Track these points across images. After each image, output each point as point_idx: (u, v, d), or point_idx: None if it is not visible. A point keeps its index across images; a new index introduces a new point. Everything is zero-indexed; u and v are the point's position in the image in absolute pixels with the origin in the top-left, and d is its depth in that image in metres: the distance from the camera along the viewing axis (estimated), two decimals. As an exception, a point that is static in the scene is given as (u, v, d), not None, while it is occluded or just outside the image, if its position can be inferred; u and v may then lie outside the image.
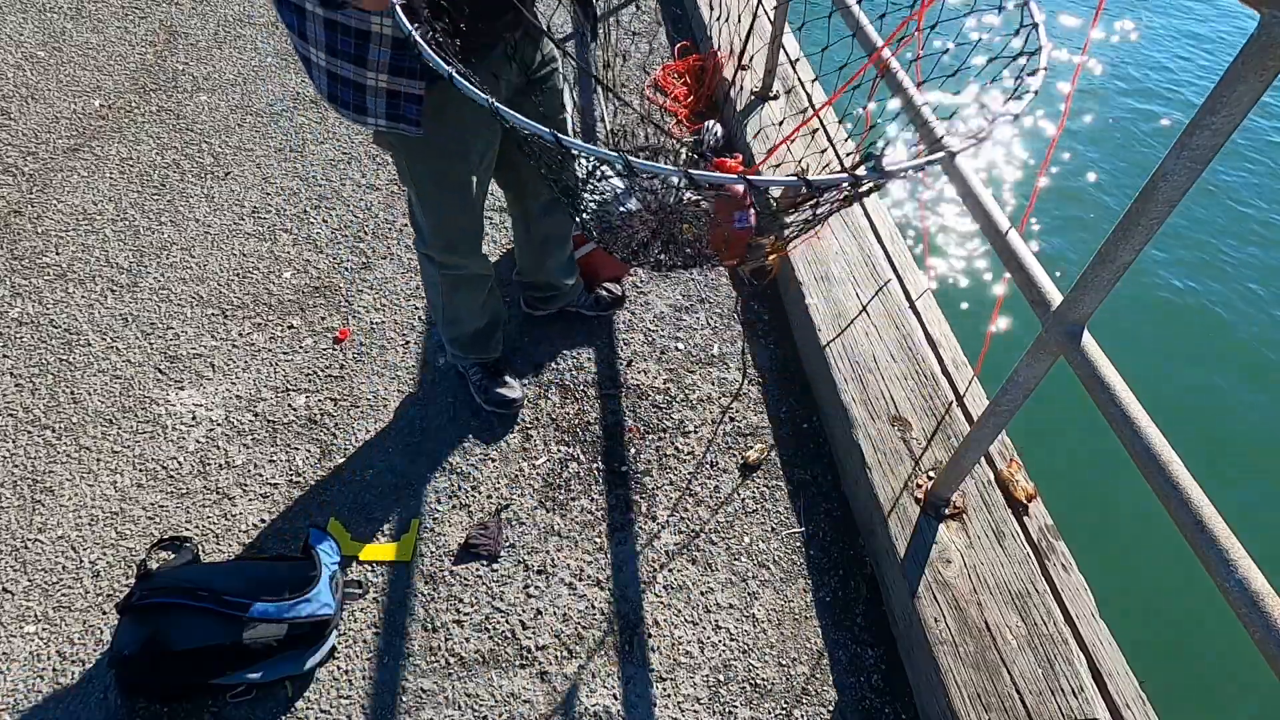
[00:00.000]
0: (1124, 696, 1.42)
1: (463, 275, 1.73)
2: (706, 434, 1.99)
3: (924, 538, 1.62)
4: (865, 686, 1.59)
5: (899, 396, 1.90)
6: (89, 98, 2.88)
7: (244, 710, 1.49)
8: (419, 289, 2.29)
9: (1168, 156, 0.97)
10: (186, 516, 1.76)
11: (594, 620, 1.65)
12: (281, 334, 2.15)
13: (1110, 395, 1.12)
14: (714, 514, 1.84)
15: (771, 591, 1.71)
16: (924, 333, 2.08)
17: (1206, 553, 0.97)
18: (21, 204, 2.47)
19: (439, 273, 1.72)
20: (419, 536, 1.76)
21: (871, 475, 1.73)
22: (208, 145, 2.73)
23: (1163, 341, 3.30)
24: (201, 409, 1.97)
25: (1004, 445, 1.82)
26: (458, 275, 1.73)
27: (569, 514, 1.82)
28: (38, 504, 1.76)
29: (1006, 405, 1.37)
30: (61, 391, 1.98)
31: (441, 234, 1.63)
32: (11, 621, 1.58)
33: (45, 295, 2.21)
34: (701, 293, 2.35)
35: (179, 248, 2.37)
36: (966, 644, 1.47)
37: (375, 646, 1.59)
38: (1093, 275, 1.13)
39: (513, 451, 1.93)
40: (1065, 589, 1.57)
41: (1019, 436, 1.87)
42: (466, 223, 1.61)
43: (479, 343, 1.92)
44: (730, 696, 1.56)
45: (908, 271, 2.26)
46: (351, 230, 2.46)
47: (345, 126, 2.83)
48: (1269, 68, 0.84)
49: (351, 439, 1.93)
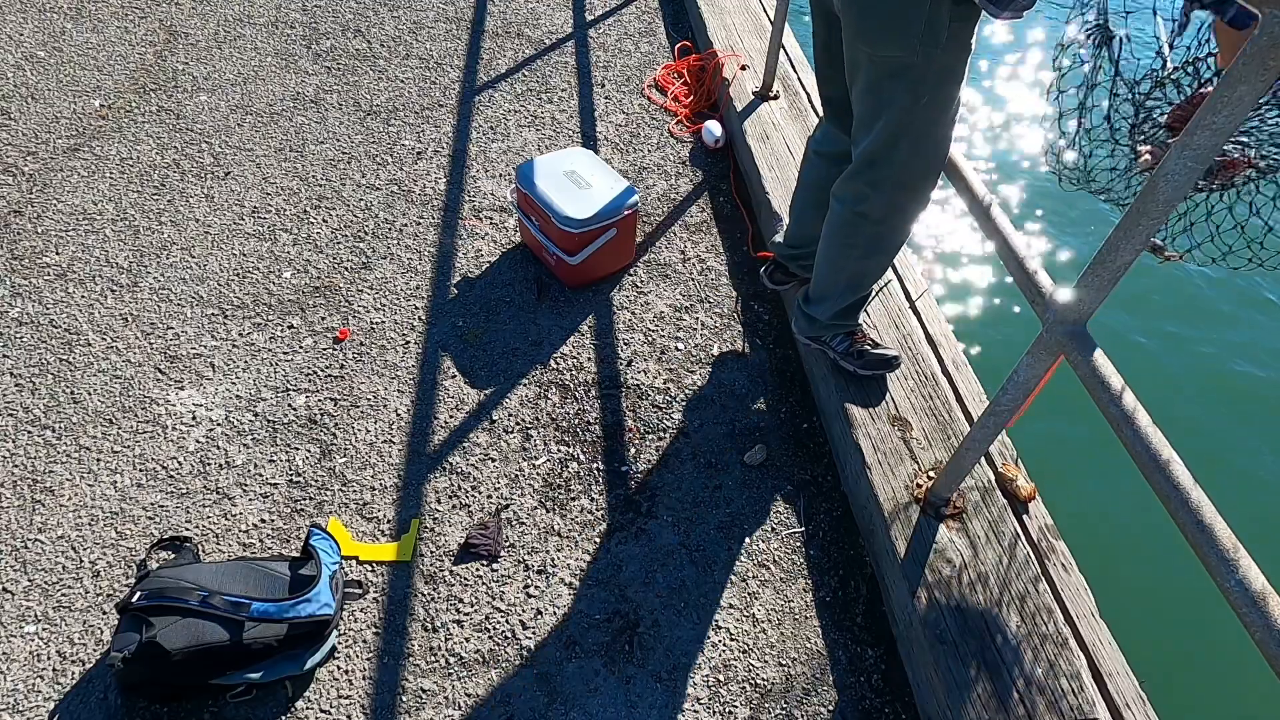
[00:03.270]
0: (1124, 696, 1.42)
1: (916, 218, 1.69)
2: (706, 434, 1.99)
3: (924, 538, 1.62)
4: (865, 686, 1.59)
5: (899, 396, 1.90)
6: (89, 98, 2.88)
7: (244, 710, 1.49)
8: (419, 289, 2.29)
9: (1168, 156, 0.97)
10: (186, 516, 1.76)
11: (594, 620, 1.65)
12: (281, 334, 2.15)
13: (1110, 395, 1.12)
14: (714, 514, 1.84)
15: (771, 591, 1.71)
16: (924, 333, 2.08)
17: (1206, 553, 0.97)
18: (21, 204, 2.47)
19: (900, 222, 1.67)
20: (419, 536, 1.76)
21: (871, 475, 1.73)
22: (208, 145, 2.73)
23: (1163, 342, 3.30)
24: (201, 409, 1.97)
25: (1004, 445, 1.82)
26: (915, 218, 1.68)
27: (569, 514, 1.82)
28: (38, 504, 1.76)
29: (1006, 405, 1.37)
30: (61, 391, 1.98)
31: (940, 160, 1.58)
32: (11, 621, 1.58)
33: (45, 295, 2.21)
34: (701, 293, 2.35)
35: (179, 248, 2.37)
36: (966, 644, 1.47)
37: (375, 646, 1.59)
38: (1093, 275, 1.13)
39: (513, 451, 1.93)
40: (1065, 589, 1.57)
41: (1019, 436, 1.87)
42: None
43: (860, 304, 1.89)
44: (730, 696, 1.56)
45: (908, 271, 2.26)
46: (351, 230, 2.46)
47: (345, 126, 2.83)
48: (1270, 68, 0.84)
49: (351, 439, 1.93)
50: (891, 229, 1.69)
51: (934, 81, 1.43)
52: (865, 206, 1.65)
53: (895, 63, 1.41)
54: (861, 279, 1.81)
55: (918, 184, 1.61)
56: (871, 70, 1.46)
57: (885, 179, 1.59)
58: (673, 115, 3.02)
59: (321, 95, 2.97)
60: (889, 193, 1.61)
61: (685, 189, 2.71)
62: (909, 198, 1.63)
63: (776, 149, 2.64)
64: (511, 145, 2.82)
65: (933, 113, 1.48)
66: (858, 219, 1.68)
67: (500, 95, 3.05)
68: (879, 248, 1.73)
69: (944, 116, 1.50)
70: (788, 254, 2.10)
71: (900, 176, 1.58)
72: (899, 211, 1.65)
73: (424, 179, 2.66)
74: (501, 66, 3.20)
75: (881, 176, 1.59)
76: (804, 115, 2.80)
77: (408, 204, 2.56)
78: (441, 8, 3.51)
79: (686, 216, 2.61)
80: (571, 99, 3.05)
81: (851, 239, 1.72)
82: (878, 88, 1.47)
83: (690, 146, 2.88)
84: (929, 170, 1.59)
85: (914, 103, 1.45)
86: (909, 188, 1.61)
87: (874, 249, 1.73)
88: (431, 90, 3.04)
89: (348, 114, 2.90)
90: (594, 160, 2.32)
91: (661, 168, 2.78)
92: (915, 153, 1.54)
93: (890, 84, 1.45)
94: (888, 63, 1.42)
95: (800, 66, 3.03)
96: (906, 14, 1.34)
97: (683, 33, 3.48)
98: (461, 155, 2.77)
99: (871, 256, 1.75)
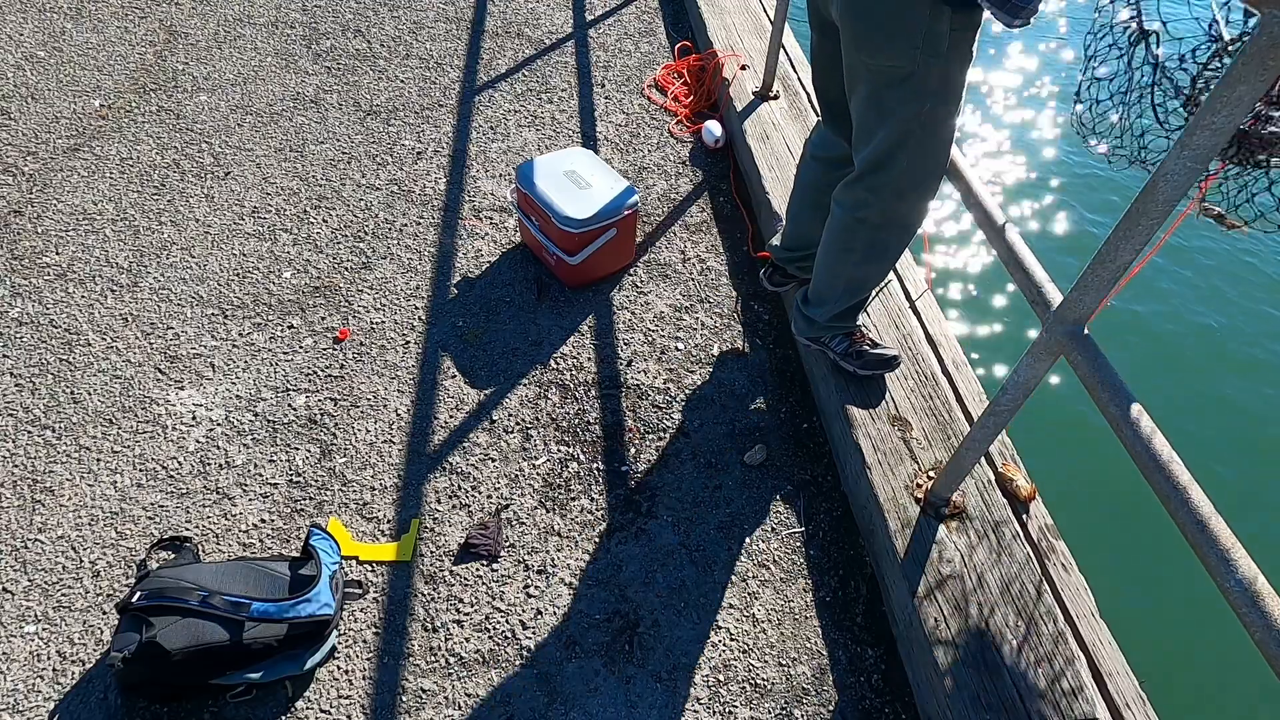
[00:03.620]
0: (1124, 696, 1.42)
1: (918, 224, 1.70)
2: (706, 434, 1.99)
3: (924, 538, 1.62)
4: (865, 686, 1.59)
5: (899, 396, 1.90)
6: (89, 98, 2.88)
7: (244, 710, 1.49)
8: (419, 289, 2.29)
9: (1168, 156, 0.97)
10: (186, 516, 1.76)
11: (594, 620, 1.65)
12: (281, 334, 2.15)
13: (1110, 395, 1.12)
14: (714, 514, 1.84)
15: (771, 591, 1.71)
16: (924, 332, 2.08)
17: (1206, 553, 0.97)
18: (21, 204, 2.47)
19: (899, 230, 1.68)
20: (419, 536, 1.76)
21: (871, 475, 1.73)
22: (208, 145, 2.73)
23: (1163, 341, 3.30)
24: (201, 409, 1.97)
25: (1004, 445, 1.82)
26: (917, 224, 1.69)
27: (569, 514, 1.82)
28: (38, 504, 1.76)
29: (1006, 405, 1.37)
30: (61, 391, 1.98)
31: (940, 168, 1.58)
32: (11, 621, 1.58)
33: (45, 295, 2.21)
34: (701, 293, 2.35)
35: (179, 248, 2.37)
36: (966, 644, 1.47)
37: (375, 646, 1.59)
38: (1093, 275, 1.13)
39: (513, 451, 1.93)
40: (1065, 589, 1.57)
41: (1019, 436, 1.87)
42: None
43: (859, 306, 1.89)
44: (730, 696, 1.56)
45: (908, 271, 2.26)
46: (351, 230, 2.46)
47: (345, 126, 2.83)
48: (1269, 68, 0.84)
49: (351, 439, 1.93)
50: (891, 236, 1.69)
51: (934, 91, 1.42)
52: (865, 213, 1.65)
53: (895, 73, 1.41)
54: (860, 284, 1.81)
55: (918, 192, 1.61)
56: (871, 80, 1.47)
57: (885, 186, 1.59)
58: (673, 115, 3.02)
59: (321, 95, 2.97)
60: (889, 200, 1.61)
61: (685, 189, 2.71)
62: (909, 206, 1.63)
63: (776, 149, 2.64)
64: (511, 145, 2.82)
65: (933, 122, 1.48)
66: (857, 224, 1.68)
67: (500, 95, 3.05)
68: (878, 254, 1.73)
69: (945, 126, 1.50)
70: (785, 257, 2.10)
71: (900, 184, 1.58)
72: (898, 219, 1.66)
73: (424, 179, 2.66)
74: (501, 66, 3.20)
75: (881, 184, 1.59)
76: (804, 115, 2.80)
77: (408, 204, 2.56)
78: (441, 8, 3.51)
79: (686, 216, 2.61)
80: (571, 99, 3.05)
81: (850, 244, 1.72)
82: (878, 98, 1.47)
83: (690, 146, 2.88)
84: (930, 178, 1.59)
85: (915, 113, 1.45)
86: (909, 196, 1.61)
87: (873, 255, 1.73)
88: (431, 90, 3.04)
89: (348, 114, 2.90)
90: (594, 160, 2.32)
91: (661, 168, 2.78)
92: (916, 162, 1.54)
93: (891, 94, 1.45)
94: (887, 73, 1.42)
95: (800, 66, 3.03)
96: (906, 24, 1.34)
97: (683, 33, 3.48)
98: (461, 155, 2.77)
99: (870, 262, 1.75)
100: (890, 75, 1.42)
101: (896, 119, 1.47)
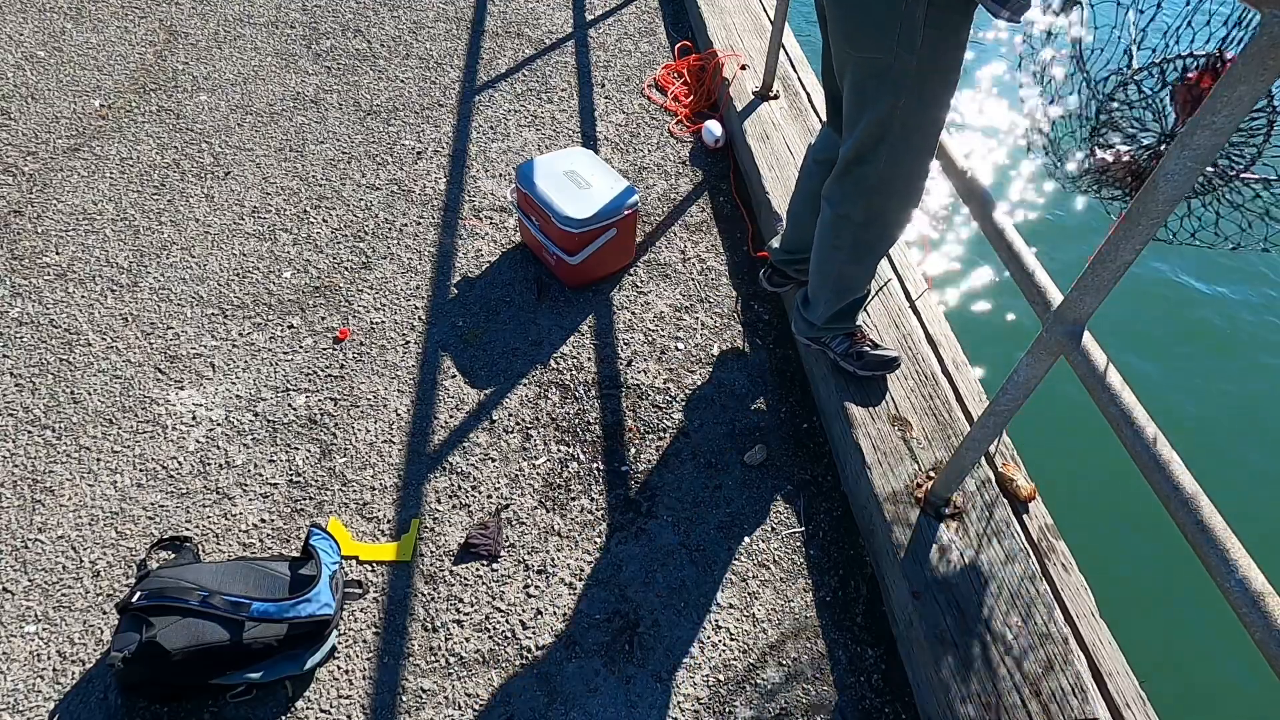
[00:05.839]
0: (1124, 696, 1.42)
1: (900, 225, 1.69)
2: (706, 434, 1.99)
3: (924, 538, 1.62)
4: (865, 686, 1.59)
5: (899, 396, 1.90)
6: (89, 98, 2.88)
7: (244, 710, 1.49)
8: (419, 289, 2.29)
9: (1169, 156, 0.97)
10: (186, 516, 1.76)
11: (594, 620, 1.65)
12: (281, 334, 2.15)
13: (1110, 395, 1.12)
14: (714, 514, 1.84)
15: (771, 591, 1.71)
16: (924, 332, 2.08)
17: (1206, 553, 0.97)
18: (21, 204, 2.47)
19: (880, 229, 1.67)
20: (419, 536, 1.76)
21: (871, 475, 1.73)
22: (208, 145, 2.73)
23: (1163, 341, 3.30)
24: (201, 409, 1.97)
25: (1004, 445, 1.82)
26: (899, 224, 1.68)
27: (569, 514, 1.82)
28: (38, 504, 1.76)
29: (1006, 405, 1.37)
30: (61, 391, 1.98)
31: (924, 173, 1.57)
32: (11, 621, 1.58)
33: (45, 295, 2.21)
34: (701, 292, 2.35)
35: (179, 248, 2.37)
36: (966, 644, 1.47)
37: (375, 646, 1.59)
38: (1093, 275, 1.13)
39: (513, 451, 1.93)
40: (1065, 589, 1.57)
41: (1019, 436, 1.87)
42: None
43: (856, 306, 1.88)
44: (730, 696, 1.56)
45: (908, 271, 2.26)
46: (351, 230, 2.46)
47: (345, 126, 2.83)
48: (1270, 67, 0.84)
49: (351, 439, 1.93)
50: (874, 233, 1.68)
51: (912, 85, 1.41)
52: (847, 208, 1.64)
53: (876, 64, 1.41)
54: (849, 283, 1.80)
55: (899, 188, 1.59)
56: (856, 70, 1.47)
57: (866, 180, 1.58)
58: (673, 115, 3.02)
59: (321, 95, 2.97)
60: (869, 195, 1.60)
61: (685, 189, 2.71)
62: (891, 202, 1.62)
63: (776, 149, 2.64)
64: (511, 145, 2.82)
65: (912, 118, 1.46)
66: (841, 221, 1.67)
67: (500, 95, 3.05)
68: (863, 252, 1.72)
69: (925, 122, 1.48)
70: (784, 259, 2.10)
71: (881, 179, 1.57)
72: (880, 215, 1.64)
73: (424, 179, 2.66)
74: (501, 66, 3.20)
75: (862, 177, 1.58)
76: (804, 115, 2.80)
77: (408, 204, 2.56)
78: (441, 8, 3.51)
79: (686, 216, 2.61)
80: (571, 99, 3.05)
81: (838, 242, 1.71)
82: (861, 88, 1.47)
83: (690, 146, 2.88)
84: (911, 175, 1.57)
85: (892, 105, 1.44)
86: (890, 191, 1.59)
87: (858, 253, 1.72)
88: (431, 90, 3.04)
89: (348, 114, 2.90)
90: (594, 160, 2.32)
91: (661, 168, 2.78)
92: (895, 157, 1.52)
93: (872, 85, 1.44)
94: (868, 63, 1.42)
95: (800, 66, 3.03)
96: (881, 15, 1.34)
97: (683, 32, 3.48)
98: (461, 155, 2.77)
99: (856, 260, 1.74)
100: (871, 66, 1.42)
101: (875, 110, 1.47)
